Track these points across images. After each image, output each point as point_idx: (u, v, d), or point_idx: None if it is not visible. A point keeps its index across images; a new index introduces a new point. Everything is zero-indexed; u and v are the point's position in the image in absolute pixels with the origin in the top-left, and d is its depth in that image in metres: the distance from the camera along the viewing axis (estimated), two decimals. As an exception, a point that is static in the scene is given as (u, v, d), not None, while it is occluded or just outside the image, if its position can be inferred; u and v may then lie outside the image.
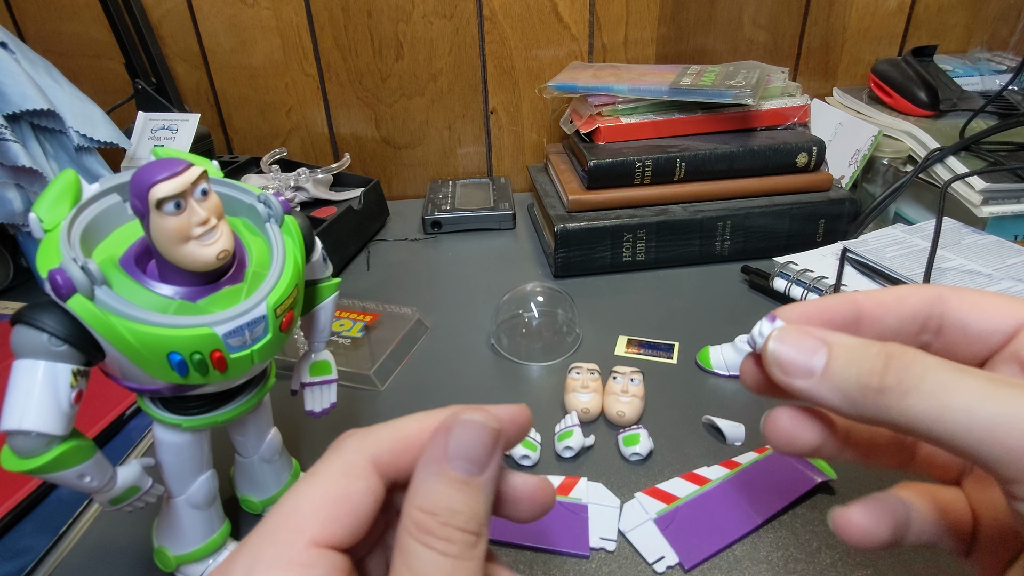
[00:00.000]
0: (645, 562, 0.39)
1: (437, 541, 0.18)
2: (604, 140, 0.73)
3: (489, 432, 0.20)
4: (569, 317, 0.60)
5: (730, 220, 0.70)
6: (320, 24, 0.85)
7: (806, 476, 0.43)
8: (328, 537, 0.18)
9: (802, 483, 0.43)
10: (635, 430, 0.47)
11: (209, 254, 0.28)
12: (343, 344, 0.59)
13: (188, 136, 0.72)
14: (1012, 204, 0.66)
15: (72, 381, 0.28)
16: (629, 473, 0.45)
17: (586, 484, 0.43)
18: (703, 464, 0.45)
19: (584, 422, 0.50)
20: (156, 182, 0.26)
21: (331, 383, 0.41)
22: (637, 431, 0.47)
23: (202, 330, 0.28)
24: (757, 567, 0.38)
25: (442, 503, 0.19)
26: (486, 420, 0.20)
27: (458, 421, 0.20)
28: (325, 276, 0.39)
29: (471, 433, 0.20)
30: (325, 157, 0.94)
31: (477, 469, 0.20)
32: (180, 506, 0.36)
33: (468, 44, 0.87)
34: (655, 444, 0.47)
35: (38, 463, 0.28)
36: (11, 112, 0.58)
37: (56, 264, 0.27)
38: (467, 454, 0.19)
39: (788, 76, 0.78)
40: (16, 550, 0.41)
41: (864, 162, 0.75)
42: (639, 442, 0.46)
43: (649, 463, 0.46)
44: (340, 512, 0.19)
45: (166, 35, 0.85)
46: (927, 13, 0.91)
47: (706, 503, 0.42)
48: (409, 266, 0.75)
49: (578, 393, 0.50)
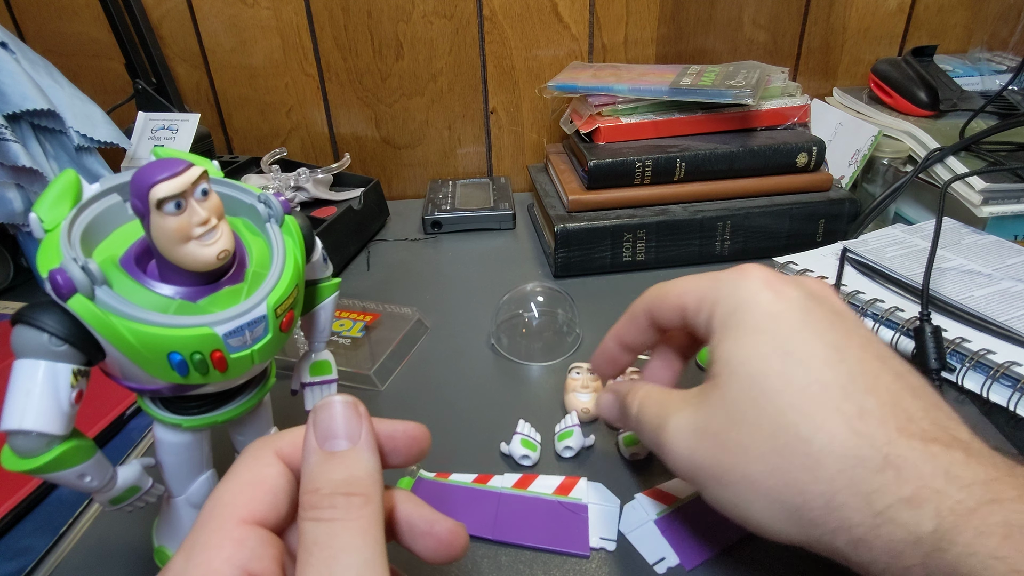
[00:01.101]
0: (645, 563, 0.39)
1: (322, 511, 0.19)
2: (604, 140, 0.73)
3: (344, 405, 0.22)
4: (569, 317, 0.60)
5: (730, 220, 0.70)
6: (320, 24, 0.85)
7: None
8: (252, 514, 0.20)
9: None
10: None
11: (209, 254, 0.28)
12: (343, 344, 0.59)
13: (188, 136, 0.72)
14: (1012, 204, 0.66)
15: (72, 381, 0.28)
16: (629, 473, 0.45)
17: (586, 484, 0.43)
18: (703, 464, 0.45)
19: (584, 422, 0.50)
20: (156, 182, 0.26)
21: (331, 383, 0.41)
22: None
23: (202, 330, 0.28)
24: (757, 567, 0.38)
25: (321, 478, 0.20)
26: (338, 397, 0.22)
27: (314, 410, 0.22)
28: (325, 276, 0.39)
29: (329, 413, 0.22)
30: (325, 157, 0.94)
31: (346, 441, 0.21)
32: (180, 506, 0.36)
33: (468, 44, 0.87)
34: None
35: (38, 463, 0.28)
36: (11, 112, 0.58)
37: (56, 264, 0.27)
38: (332, 432, 0.21)
39: (788, 76, 0.78)
40: (16, 550, 0.41)
41: (864, 162, 0.75)
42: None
43: (649, 463, 0.46)
44: (258, 493, 0.21)
45: (166, 35, 0.85)
46: (927, 13, 0.91)
47: (707, 504, 0.42)
48: (409, 266, 0.75)
49: (578, 393, 0.50)
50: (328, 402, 0.22)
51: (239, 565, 0.18)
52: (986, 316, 0.51)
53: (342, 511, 0.19)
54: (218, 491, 0.21)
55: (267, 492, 0.21)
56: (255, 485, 0.21)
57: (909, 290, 0.57)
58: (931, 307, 0.54)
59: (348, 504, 0.20)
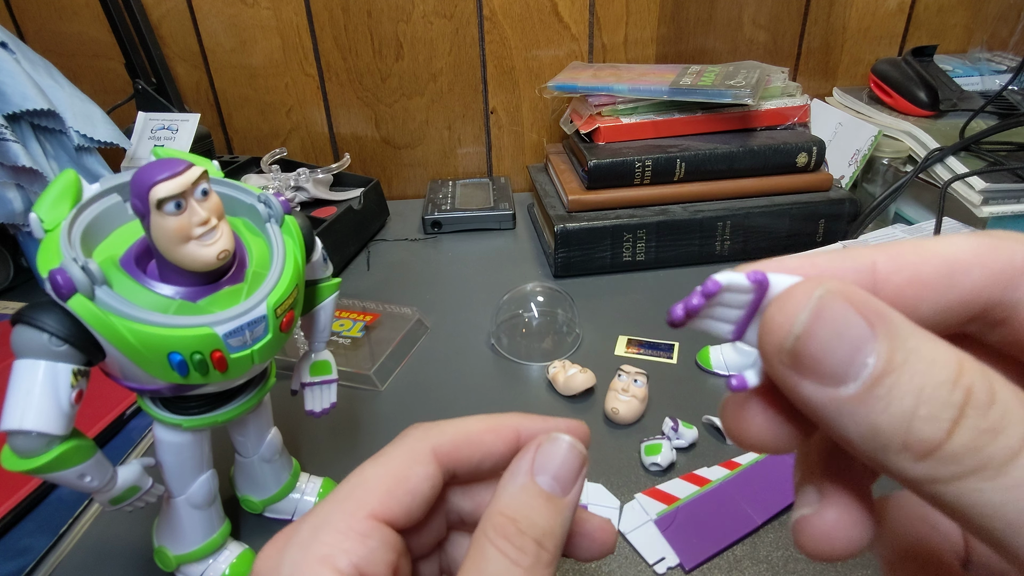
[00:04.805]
0: (645, 563, 0.39)
1: (511, 548, 0.18)
2: (604, 140, 0.73)
3: (578, 455, 0.20)
4: (569, 317, 0.60)
5: (730, 220, 0.70)
6: (320, 24, 0.85)
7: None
8: (385, 512, 0.19)
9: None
10: (659, 440, 0.46)
11: (209, 254, 0.28)
12: (343, 344, 0.59)
13: (188, 136, 0.72)
14: (1012, 204, 0.66)
15: (72, 381, 0.28)
16: (629, 474, 0.45)
17: (586, 484, 0.43)
18: (703, 465, 0.45)
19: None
20: (156, 182, 0.26)
21: (331, 383, 0.41)
22: (660, 441, 0.46)
23: (202, 330, 0.28)
24: (757, 567, 0.38)
25: (523, 511, 0.19)
26: (575, 442, 0.20)
27: (548, 437, 0.20)
28: (325, 276, 0.39)
29: (561, 452, 0.20)
30: (325, 157, 0.94)
31: (561, 489, 0.20)
32: (180, 506, 0.36)
33: (468, 44, 0.87)
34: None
35: (38, 463, 0.28)
36: (11, 112, 0.58)
37: (56, 264, 0.27)
38: (554, 472, 0.20)
39: (788, 76, 0.78)
40: (16, 550, 0.41)
41: (864, 162, 0.75)
42: (660, 452, 0.45)
43: (664, 473, 0.46)
44: (399, 491, 0.20)
45: (166, 35, 0.85)
46: (927, 13, 0.91)
47: (706, 504, 0.42)
48: (409, 266, 0.75)
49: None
50: (562, 440, 0.20)
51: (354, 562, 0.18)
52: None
53: (530, 560, 0.18)
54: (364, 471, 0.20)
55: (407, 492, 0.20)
56: (398, 481, 0.20)
57: (909, 290, 0.57)
58: (931, 307, 0.54)
59: (536, 555, 0.18)
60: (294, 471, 0.43)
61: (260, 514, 0.43)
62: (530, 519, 0.19)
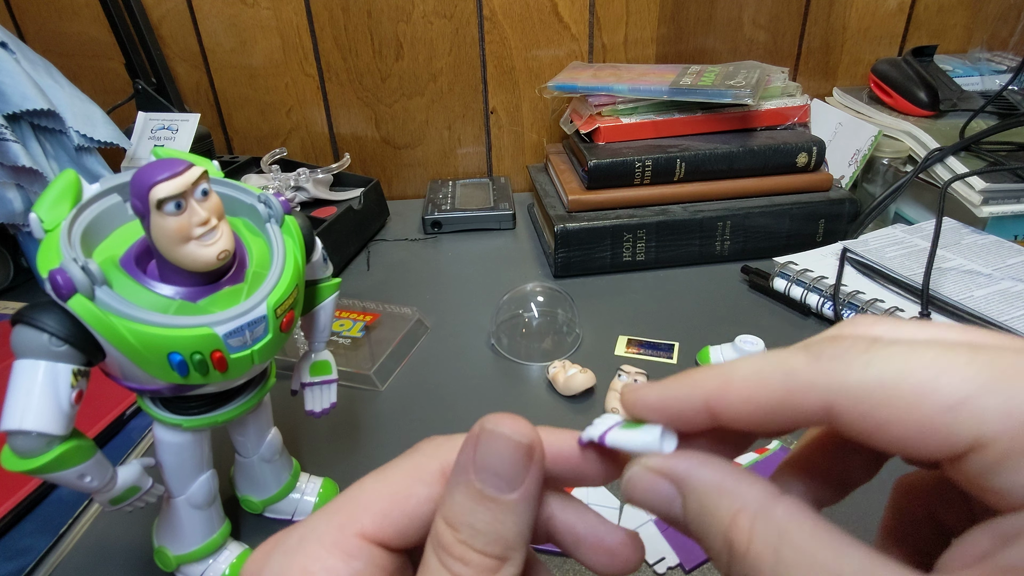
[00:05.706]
0: (645, 563, 0.39)
1: (452, 560, 0.17)
2: (604, 140, 0.73)
3: (516, 446, 0.18)
4: (569, 317, 0.60)
5: (730, 220, 0.70)
6: (320, 24, 0.85)
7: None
8: (377, 532, 0.18)
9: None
10: None
11: (210, 254, 0.28)
12: (343, 344, 0.59)
13: (188, 136, 0.72)
14: (1012, 204, 0.66)
15: (72, 381, 0.28)
16: (629, 473, 0.45)
17: (586, 484, 0.43)
18: (703, 464, 0.45)
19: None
20: (156, 182, 0.26)
21: (331, 383, 0.41)
22: None
23: (202, 330, 0.28)
24: (757, 567, 0.38)
25: (462, 518, 0.17)
26: (513, 432, 0.18)
27: (483, 429, 0.18)
28: (325, 276, 0.39)
29: (497, 446, 0.18)
30: (325, 157, 0.94)
31: (506, 486, 0.18)
32: (180, 506, 0.36)
33: (468, 44, 0.87)
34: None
35: (38, 463, 0.28)
36: (11, 112, 0.58)
37: (56, 264, 0.27)
38: (493, 468, 0.17)
39: (788, 76, 0.78)
40: (16, 550, 0.41)
41: (864, 162, 0.75)
42: None
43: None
44: (395, 512, 0.18)
45: (166, 35, 0.85)
46: (927, 13, 0.91)
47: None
48: (409, 266, 0.75)
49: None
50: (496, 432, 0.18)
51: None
52: (986, 316, 0.51)
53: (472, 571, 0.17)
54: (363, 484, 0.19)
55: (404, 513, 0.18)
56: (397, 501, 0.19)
57: (909, 290, 0.57)
58: (931, 307, 0.54)
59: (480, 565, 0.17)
60: (294, 471, 0.43)
61: (260, 514, 0.43)
62: (471, 526, 0.17)
